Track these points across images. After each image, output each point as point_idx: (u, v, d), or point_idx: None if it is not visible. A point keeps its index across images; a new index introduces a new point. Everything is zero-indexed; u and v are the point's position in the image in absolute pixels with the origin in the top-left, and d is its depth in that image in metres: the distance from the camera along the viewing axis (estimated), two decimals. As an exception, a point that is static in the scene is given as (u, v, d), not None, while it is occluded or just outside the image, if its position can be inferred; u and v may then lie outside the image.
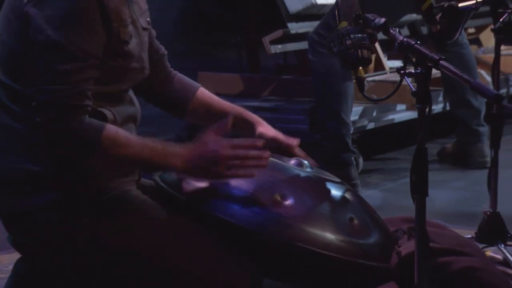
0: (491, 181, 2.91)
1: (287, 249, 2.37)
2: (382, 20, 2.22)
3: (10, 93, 2.36)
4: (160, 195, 2.46)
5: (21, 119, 2.36)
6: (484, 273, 2.44)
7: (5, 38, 2.37)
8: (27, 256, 2.50)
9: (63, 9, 2.27)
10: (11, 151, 2.38)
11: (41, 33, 2.27)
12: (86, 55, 2.28)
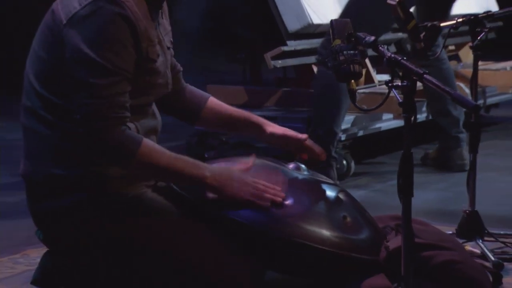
0: (470, 182, 2.91)
1: (287, 244, 2.36)
2: (372, 38, 2.22)
3: (44, 103, 2.36)
4: (173, 197, 2.46)
5: (52, 127, 2.36)
6: (463, 265, 2.44)
7: (42, 54, 2.37)
8: (53, 250, 2.50)
9: (98, 30, 2.27)
10: (42, 156, 2.39)
11: (79, 52, 2.27)
12: (120, 70, 2.29)
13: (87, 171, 2.36)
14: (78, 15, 2.29)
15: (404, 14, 2.64)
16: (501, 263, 2.70)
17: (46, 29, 2.37)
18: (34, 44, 2.42)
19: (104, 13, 2.28)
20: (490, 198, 3.56)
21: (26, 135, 2.43)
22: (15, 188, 3.84)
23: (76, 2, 2.31)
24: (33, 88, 2.38)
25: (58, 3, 2.37)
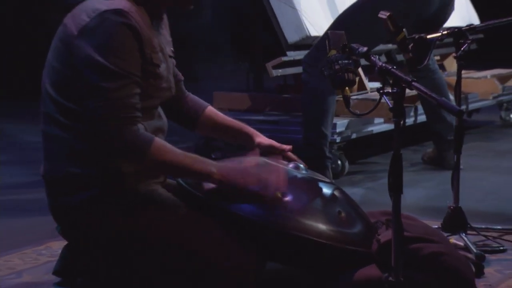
0: (454, 181, 2.91)
1: (286, 237, 2.36)
2: (365, 49, 2.22)
3: (59, 108, 2.36)
4: (181, 193, 2.46)
5: (67, 129, 2.36)
6: (448, 257, 2.43)
7: (56, 64, 2.37)
8: (72, 243, 2.50)
9: (106, 39, 2.27)
10: (59, 156, 2.39)
11: (90, 59, 2.27)
12: (128, 74, 2.29)
13: (102, 169, 2.35)
14: (87, 27, 2.30)
15: (394, 26, 2.63)
16: (482, 255, 2.70)
17: (58, 41, 2.38)
18: (49, 56, 2.42)
19: (111, 24, 2.28)
20: (473, 195, 3.55)
21: (45, 138, 2.43)
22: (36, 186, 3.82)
23: (85, 15, 2.32)
24: (49, 95, 2.39)
25: (69, 17, 2.38)
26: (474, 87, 5.34)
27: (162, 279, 2.39)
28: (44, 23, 7.56)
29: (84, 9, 2.34)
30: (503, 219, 3.25)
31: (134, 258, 2.40)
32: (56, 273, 2.50)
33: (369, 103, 4.19)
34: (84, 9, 2.34)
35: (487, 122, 5.72)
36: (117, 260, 2.42)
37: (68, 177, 2.37)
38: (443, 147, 4.25)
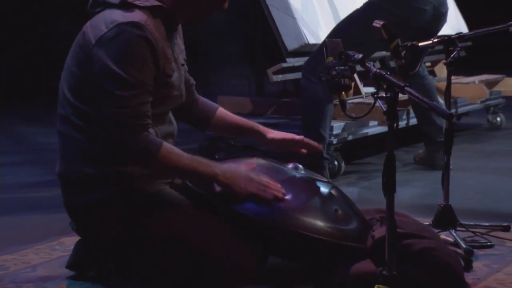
0: (444, 180, 2.90)
1: (287, 234, 2.36)
2: (360, 56, 2.22)
3: (76, 111, 2.36)
4: (188, 192, 2.46)
5: (82, 131, 2.36)
6: (439, 252, 2.43)
7: (74, 69, 2.37)
8: (84, 239, 2.50)
9: (123, 49, 2.27)
10: (74, 157, 2.39)
11: (106, 68, 2.27)
12: (142, 84, 2.29)
13: (113, 170, 2.35)
14: (105, 37, 2.29)
15: (387, 35, 2.62)
16: (471, 250, 2.69)
17: (77, 48, 2.38)
18: (68, 61, 2.42)
19: (127, 35, 2.28)
20: (462, 194, 3.55)
21: (61, 139, 2.43)
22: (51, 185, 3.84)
23: (103, 25, 2.31)
24: (66, 98, 2.39)
25: (88, 26, 2.37)
26: (463, 92, 5.34)
27: (168, 273, 2.39)
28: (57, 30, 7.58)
29: (103, 19, 2.33)
30: (491, 216, 3.25)
31: (142, 253, 2.40)
32: (69, 267, 2.51)
33: (364, 107, 4.19)
34: (103, 19, 2.33)
35: (475, 125, 5.72)
36: (126, 254, 2.42)
37: (82, 176, 2.37)
38: (433, 148, 4.24)
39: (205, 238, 2.37)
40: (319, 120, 3.84)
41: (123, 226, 2.38)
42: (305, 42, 4.27)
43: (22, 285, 2.45)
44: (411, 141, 4.84)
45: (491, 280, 2.48)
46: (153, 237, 2.38)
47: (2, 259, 2.71)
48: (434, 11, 3.96)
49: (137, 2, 2.34)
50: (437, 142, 4.19)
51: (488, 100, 5.50)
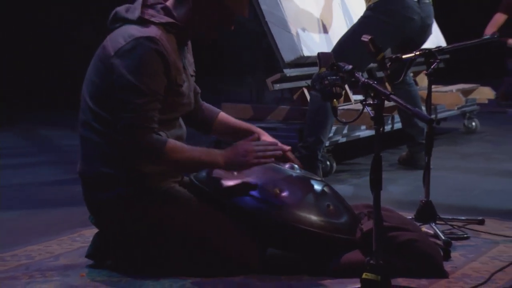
0: (425, 178, 2.90)
1: (284, 227, 2.35)
2: (350, 67, 2.22)
3: (96, 117, 2.36)
4: (194, 189, 2.46)
5: (101, 135, 2.36)
6: (421, 243, 2.43)
7: (95, 79, 2.37)
8: (102, 231, 2.49)
9: (138, 61, 2.27)
10: (93, 158, 2.39)
11: (122, 77, 2.28)
12: (153, 93, 2.29)
13: (129, 170, 2.35)
14: (123, 49, 2.30)
15: (374, 48, 2.62)
16: (450, 241, 2.69)
17: (98, 61, 2.38)
18: (89, 72, 2.42)
19: (143, 48, 2.28)
20: (441, 191, 3.54)
21: (82, 142, 2.43)
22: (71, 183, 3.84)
23: (121, 39, 2.31)
24: (87, 105, 2.39)
25: (108, 40, 2.38)
26: (442, 100, 5.34)
27: (177, 261, 2.38)
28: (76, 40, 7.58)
29: (122, 34, 2.34)
30: (467, 211, 3.24)
31: (154, 244, 2.40)
32: (89, 256, 2.50)
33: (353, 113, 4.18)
34: (122, 34, 2.34)
35: (453, 129, 5.72)
36: (140, 245, 2.42)
37: (101, 175, 2.37)
38: (415, 150, 4.24)
39: (211, 230, 2.37)
40: (321, 127, 3.84)
41: (137, 220, 2.38)
42: (300, 54, 4.27)
43: (46, 272, 2.44)
44: (396, 144, 4.83)
45: (467, 268, 2.48)
46: (164, 229, 2.37)
47: (29, 249, 2.71)
48: (422, 22, 3.97)
49: (153, 19, 2.35)
50: (419, 144, 4.19)
51: (464, 107, 5.50)
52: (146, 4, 2.38)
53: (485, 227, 2.97)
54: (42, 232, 2.95)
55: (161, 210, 2.37)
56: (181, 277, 2.34)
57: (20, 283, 2.35)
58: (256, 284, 2.29)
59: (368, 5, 3.94)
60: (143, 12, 2.35)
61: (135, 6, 2.38)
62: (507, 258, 2.57)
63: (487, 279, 2.35)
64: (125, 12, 2.39)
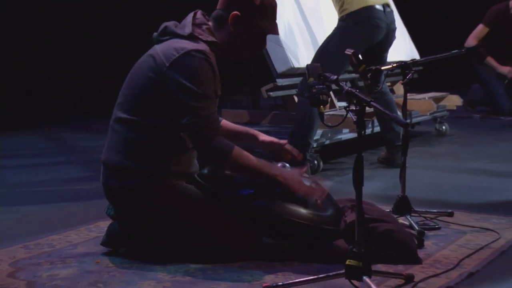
0: (402, 176, 2.89)
1: (277, 219, 2.35)
2: (335, 77, 2.22)
3: (132, 116, 2.34)
4: (199, 185, 2.45)
5: (131, 132, 2.35)
6: (398, 233, 2.43)
7: (143, 83, 2.34)
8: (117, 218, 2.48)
9: (194, 70, 2.28)
10: (120, 150, 2.38)
11: (181, 85, 2.27)
12: (209, 97, 2.29)
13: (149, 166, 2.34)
14: (177, 61, 2.29)
15: (356, 60, 2.62)
16: (423, 231, 2.69)
17: (146, 67, 2.35)
18: (136, 76, 2.38)
19: (197, 60, 2.28)
20: (415, 187, 3.54)
21: (112, 134, 2.42)
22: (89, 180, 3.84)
23: (174, 51, 2.30)
24: (128, 104, 2.37)
25: (157, 50, 2.35)
26: (416, 106, 5.34)
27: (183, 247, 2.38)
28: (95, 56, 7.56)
29: (173, 47, 2.33)
30: (438, 204, 3.24)
31: (164, 231, 2.39)
32: (103, 244, 2.49)
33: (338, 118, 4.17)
34: (173, 47, 2.33)
35: (425, 132, 5.72)
36: (151, 232, 2.41)
37: (123, 166, 2.36)
38: (393, 151, 4.24)
39: (214, 219, 2.36)
40: (308, 130, 3.84)
41: (148, 208, 2.37)
42: (291, 66, 4.27)
43: (66, 259, 2.44)
44: (375, 145, 4.83)
45: (439, 255, 2.48)
46: (172, 218, 2.37)
47: (50, 238, 2.70)
48: (388, 28, 4.00)
49: (201, 37, 2.37)
50: (396, 145, 4.19)
51: (435, 112, 5.50)
52: (195, 23, 2.40)
53: (454, 219, 2.97)
54: (62, 224, 2.94)
55: (170, 201, 2.36)
56: (186, 263, 2.33)
57: (43, 268, 2.34)
58: (253, 269, 2.29)
59: (341, 16, 3.95)
60: (193, 30, 2.36)
61: (185, 24, 2.40)
62: (474, 246, 2.57)
63: (456, 265, 2.35)
64: (174, 27, 2.40)
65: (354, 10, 3.86)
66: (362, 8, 3.86)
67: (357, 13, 3.86)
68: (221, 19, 2.40)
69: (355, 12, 3.86)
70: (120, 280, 2.22)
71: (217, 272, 2.27)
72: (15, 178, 4.01)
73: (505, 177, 3.94)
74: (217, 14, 2.43)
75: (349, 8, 3.88)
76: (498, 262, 2.42)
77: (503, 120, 6.29)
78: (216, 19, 2.42)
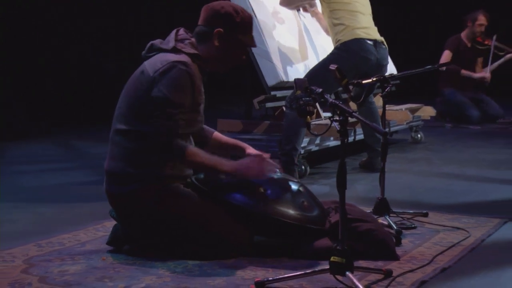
0: (381, 179, 2.88)
1: (267, 219, 2.33)
2: (320, 90, 2.21)
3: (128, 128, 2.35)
4: (195, 187, 2.43)
5: (129, 142, 2.35)
6: (378, 232, 2.41)
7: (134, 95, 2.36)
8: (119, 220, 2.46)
9: (172, 79, 2.29)
10: (120, 159, 2.37)
11: (160, 92, 2.29)
12: (183, 105, 2.29)
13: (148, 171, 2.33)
14: (160, 70, 2.31)
15: (340, 75, 2.61)
16: (400, 230, 2.67)
17: (137, 82, 2.36)
18: (128, 90, 2.40)
19: (177, 69, 2.30)
20: (394, 189, 3.54)
21: (112, 145, 2.42)
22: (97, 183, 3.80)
23: (159, 63, 2.33)
24: (124, 116, 2.37)
25: (146, 65, 2.38)
26: (394, 116, 5.34)
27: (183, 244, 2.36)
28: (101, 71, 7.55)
29: (159, 60, 2.35)
30: (414, 205, 3.24)
31: (164, 230, 2.37)
32: (108, 243, 2.47)
33: (323, 127, 4.17)
34: (159, 60, 2.35)
35: (402, 139, 5.72)
36: (152, 231, 2.39)
37: (124, 173, 2.35)
38: (372, 154, 4.24)
39: (210, 217, 2.35)
40: (295, 137, 3.84)
41: (149, 210, 2.35)
42: (280, 80, 4.27)
43: (75, 256, 2.41)
44: (357, 151, 4.83)
45: (415, 252, 2.46)
46: (171, 217, 2.35)
47: (61, 237, 2.67)
48: (377, 62, 4.03)
49: (184, 50, 2.38)
50: (376, 150, 4.19)
51: (411, 122, 5.51)
52: (177, 38, 2.41)
53: (429, 219, 2.96)
54: (72, 223, 2.91)
55: (169, 203, 2.35)
56: (184, 260, 2.31)
57: (54, 264, 2.32)
58: (246, 265, 2.27)
59: (336, 45, 4.04)
60: (176, 44, 2.38)
61: (169, 39, 2.42)
62: (446, 244, 2.56)
63: (430, 261, 2.34)
64: (159, 44, 2.43)
65: (345, 40, 3.96)
66: (353, 40, 3.95)
67: (348, 43, 3.95)
68: (205, 34, 2.42)
69: (347, 43, 3.95)
70: (124, 276, 2.20)
71: (213, 268, 2.25)
72: (30, 182, 3.98)
73: (473, 181, 3.94)
74: (200, 30, 2.44)
75: (342, 39, 3.97)
76: (468, 258, 2.41)
77: (471, 129, 6.32)
78: (199, 35, 2.43)
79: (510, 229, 2.81)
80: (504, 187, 3.73)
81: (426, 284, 2.14)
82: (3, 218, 3.03)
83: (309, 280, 2.11)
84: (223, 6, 2.42)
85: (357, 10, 4.03)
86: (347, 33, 3.96)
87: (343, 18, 3.97)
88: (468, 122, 6.48)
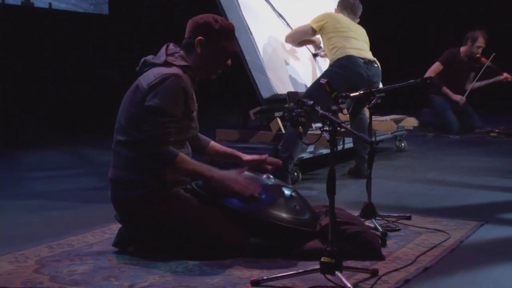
0: (368, 185, 2.88)
1: (262, 222, 2.33)
2: (311, 102, 2.22)
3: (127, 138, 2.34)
4: (195, 193, 2.43)
5: (130, 151, 2.35)
6: (365, 234, 2.41)
7: (130, 108, 2.36)
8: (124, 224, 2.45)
9: (165, 90, 2.29)
10: (122, 167, 2.37)
11: (152, 101, 2.28)
12: (173, 114, 2.28)
13: (149, 177, 2.32)
14: (153, 83, 2.31)
15: (329, 88, 2.62)
16: (386, 232, 2.67)
17: (133, 95, 2.37)
18: (124, 104, 2.40)
19: (169, 81, 2.30)
20: (379, 194, 3.53)
21: (115, 155, 2.42)
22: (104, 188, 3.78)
23: (152, 76, 2.33)
24: (123, 128, 2.37)
25: (140, 79, 2.39)
26: (379, 126, 5.35)
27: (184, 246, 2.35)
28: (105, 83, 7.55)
29: (152, 73, 2.36)
30: (398, 209, 3.24)
31: (166, 232, 2.36)
32: (115, 245, 2.46)
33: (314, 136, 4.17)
34: (152, 73, 2.36)
35: (387, 148, 5.73)
36: (155, 234, 2.38)
37: (128, 180, 2.35)
38: (360, 160, 4.25)
39: (208, 219, 2.34)
40: (293, 147, 3.86)
41: (151, 213, 2.35)
42: (274, 92, 4.27)
43: (83, 257, 2.40)
44: (346, 159, 4.83)
45: (399, 253, 2.46)
46: (172, 220, 2.34)
47: (70, 239, 2.66)
48: (368, 78, 4.07)
49: (175, 63, 2.38)
50: (363, 157, 4.20)
51: (395, 132, 5.51)
52: (168, 53, 2.42)
53: (412, 222, 2.96)
54: (80, 226, 2.90)
55: (170, 206, 2.34)
56: (185, 260, 2.31)
57: (63, 265, 2.31)
58: (242, 265, 2.27)
59: (330, 63, 4.12)
60: (167, 58, 2.39)
61: (160, 54, 2.43)
62: (428, 245, 2.56)
63: (413, 261, 2.34)
64: (152, 59, 2.43)
65: (338, 58, 4.06)
66: (345, 56, 4.04)
67: (340, 60, 4.05)
68: (189, 45, 2.44)
69: (339, 60, 4.05)
70: (129, 275, 2.19)
71: (212, 268, 2.25)
72: (41, 188, 3.97)
73: (453, 186, 3.95)
74: (185, 42, 2.47)
75: (335, 57, 4.08)
76: (448, 258, 2.42)
77: (451, 139, 6.33)
78: (185, 46, 2.46)
79: (487, 231, 2.81)
80: (481, 192, 3.73)
81: (409, 282, 2.14)
82: (17, 221, 3.02)
83: (301, 279, 2.11)
84: (203, 17, 2.45)
85: (350, 36, 4.15)
86: (340, 52, 4.07)
87: (337, 42, 4.10)
88: (448, 132, 6.51)
